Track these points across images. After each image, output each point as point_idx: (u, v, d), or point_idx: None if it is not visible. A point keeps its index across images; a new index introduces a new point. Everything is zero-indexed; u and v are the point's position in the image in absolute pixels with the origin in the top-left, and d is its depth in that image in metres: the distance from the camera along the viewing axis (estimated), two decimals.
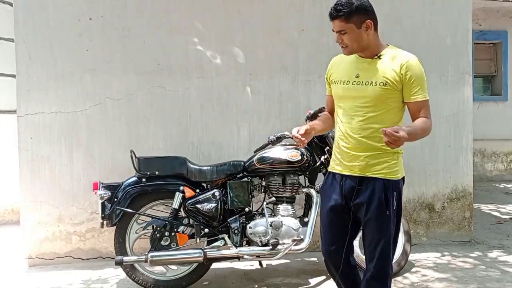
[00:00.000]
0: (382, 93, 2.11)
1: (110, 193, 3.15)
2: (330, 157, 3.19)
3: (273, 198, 3.29)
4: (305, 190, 3.32)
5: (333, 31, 2.18)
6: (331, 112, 2.42)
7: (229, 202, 3.22)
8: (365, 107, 2.14)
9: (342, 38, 2.15)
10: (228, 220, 3.22)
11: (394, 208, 2.17)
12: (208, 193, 3.22)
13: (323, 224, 2.35)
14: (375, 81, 2.12)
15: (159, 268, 3.29)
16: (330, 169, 2.35)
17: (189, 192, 3.20)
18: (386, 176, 2.15)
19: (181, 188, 3.19)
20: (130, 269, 3.18)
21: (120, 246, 3.19)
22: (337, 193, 2.24)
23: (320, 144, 3.32)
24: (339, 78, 2.25)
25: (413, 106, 2.16)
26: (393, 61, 2.13)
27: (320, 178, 3.33)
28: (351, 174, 2.20)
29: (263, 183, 3.32)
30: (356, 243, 3.28)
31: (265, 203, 3.27)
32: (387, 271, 2.22)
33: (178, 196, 3.18)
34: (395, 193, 2.17)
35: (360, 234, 2.91)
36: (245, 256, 3.15)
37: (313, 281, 3.41)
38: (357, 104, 2.16)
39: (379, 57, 2.16)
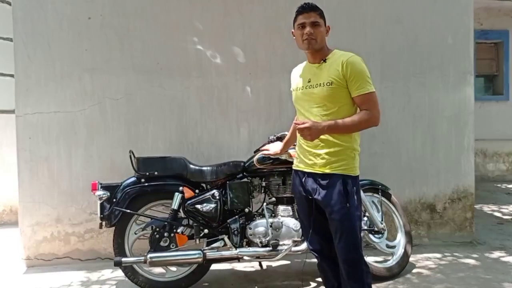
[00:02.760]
0: (330, 92, 2.30)
1: (109, 194, 3.13)
2: None
3: (273, 199, 3.27)
4: None
5: (303, 24, 2.37)
6: None
7: (228, 203, 3.20)
8: (318, 107, 2.34)
9: (313, 30, 2.35)
10: (228, 220, 3.20)
11: (356, 203, 2.31)
12: (208, 194, 3.20)
13: (302, 217, 2.55)
14: (322, 82, 2.33)
15: (158, 269, 3.28)
16: (294, 167, 2.54)
17: (188, 193, 3.18)
18: (345, 172, 2.31)
19: (181, 188, 3.17)
20: (129, 270, 3.16)
21: (119, 247, 3.17)
22: (303, 188, 2.43)
23: None
24: (296, 85, 2.50)
25: (357, 100, 2.31)
26: (336, 62, 2.33)
27: None
28: (312, 171, 2.37)
29: (263, 184, 3.30)
30: None
31: (265, 203, 3.25)
32: (361, 267, 2.32)
33: (177, 197, 3.16)
34: (354, 188, 2.32)
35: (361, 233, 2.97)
36: (245, 257, 3.13)
37: (314, 282, 3.38)
38: (311, 106, 2.36)
39: (324, 61, 2.38)
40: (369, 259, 3.49)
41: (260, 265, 3.41)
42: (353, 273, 2.31)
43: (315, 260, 3.78)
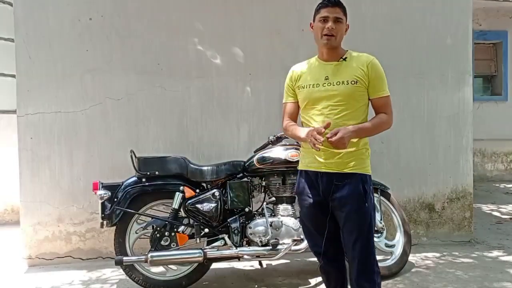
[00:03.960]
0: (354, 90, 2.26)
1: (110, 193, 3.14)
2: None
3: (273, 198, 3.29)
4: None
5: (325, 18, 2.27)
6: (294, 119, 2.53)
7: (229, 202, 3.22)
8: (339, 105, 2.26)
9: (335, 26, 2.27)
10: (228, 220, 3.22)
11: (372, 202, 2.31)
12: (208, 193, 3.22)
13: (307, 221, 2.44)
14: (346, 80, 2.27)
15: (159, 268, 3.29)
16: (301, 167, 2.43)
17: (189, 192, 3.20)
18: (362, 171, 2.28)
19: (181, 188, 3.19)
20: (130, 269, 3.18)
21: (120, 246, 3.19)
22: (314, 190, 2.34)
23: None
24: (307, 82, 2.37)
25: (377, 102, 2.33)
26: (358, 62, 2.31)
27: None
28: (327, 171, 2.29)
29: (263, 183, 3.32)
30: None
31: (265, 203, 3.27)
32: (373, 267, 2.29)
33: (178, 196, 3.18)
34: (370, 187, 2.30)
35: None
36: (245, 256, 3.15)
37: (313, 281, 3.41)
38: (331, 103, 2.27)
39: (344, 60, 2.32)
40: None
41: (260, 264, 3.43)
42: (366, 273, 2.27)
43: (314, 259, 3.81)
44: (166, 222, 3.17)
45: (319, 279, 3.40)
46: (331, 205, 2.30)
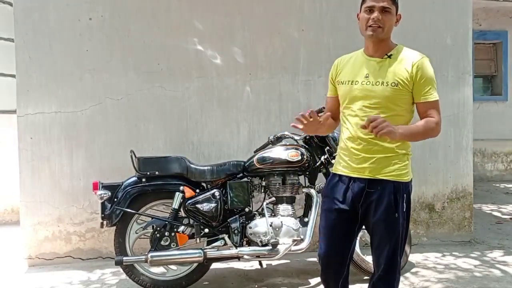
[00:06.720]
0: (394, 93, 2.06)
1: (110, 193, 3.14)
2: (330, 157, 3.22)
3: (273, 198, 3.28)
4: (305, 190, 3.31)
5: (371, 8, 2.10)
6: (334, 116, 2.36)
7: (229, 202, 3.22)
8: (376, 108, 2.08)
9: (382, 17, 2.09)
10: (228, 220, 3.21)
11: (404, 210, 2.14)
12: (208, 193, 3.22)
13: (325, 226, 2.25)
14: (386, 81, 2.07)
15: (159, 268, 3.29)
16: (334, 170, 2.27)
17: (189, 192, 3.20)
18: (397, 179, 2.11)
19: (181, 188, 3.18)
20: (130, 269, 3.18)
21: (120, 246, 3.19)
22: (343, 196, 2.18)
23: (320, 144, 3.32)
24: (347, 78, 2.18)
25: (423, 106, 2.11)
26: (404, 61, 2.10)
27: (320, 179, 3.33)
28: (360, 177, 2.14)
29: (263, 183, 3.32)
30: (356, 241, 3.28)
31: (265, 203, 3.26)
32: (394, 274, 2.21)
33: (178, 196, 3.17)
34: (404, 195, 2.13)
35: (360, 233, 2.90)
36: (245, 256, 3.14)
37: (313, 281, 3.41)
38: (367, 105, 2.09)
39: (389, 57, 2.12)
40: (368, 258, 3.51)
41: (260, 264, 3.42)
42: (385, 278, 2.19)
43: (314, 259, 3.81)
44: (166, 222, 3.16)
45: (319, 279, 3.40)
46: (360, 212, 2.17)
